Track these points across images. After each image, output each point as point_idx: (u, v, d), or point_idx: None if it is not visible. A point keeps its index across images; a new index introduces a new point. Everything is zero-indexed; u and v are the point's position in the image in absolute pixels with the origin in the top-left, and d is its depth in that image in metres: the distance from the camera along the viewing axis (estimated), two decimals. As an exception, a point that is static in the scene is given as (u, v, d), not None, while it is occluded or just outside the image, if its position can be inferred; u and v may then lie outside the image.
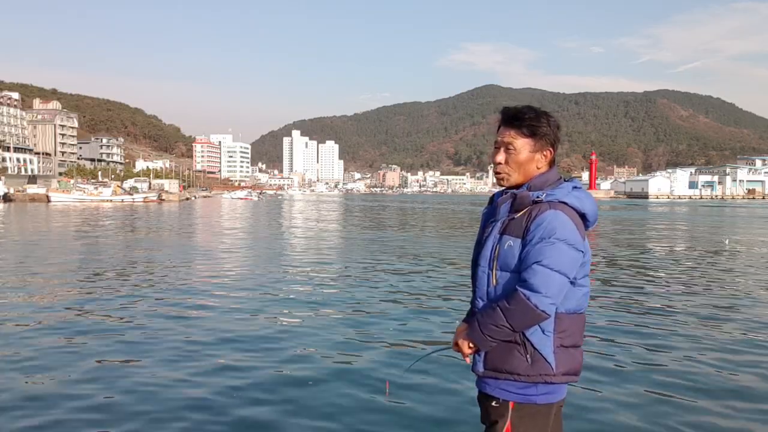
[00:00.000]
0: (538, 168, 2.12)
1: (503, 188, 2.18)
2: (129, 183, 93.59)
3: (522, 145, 2.10)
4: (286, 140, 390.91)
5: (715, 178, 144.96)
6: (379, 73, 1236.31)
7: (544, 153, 2.12)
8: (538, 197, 2.03)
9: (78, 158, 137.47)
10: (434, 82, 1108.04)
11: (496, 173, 2.18)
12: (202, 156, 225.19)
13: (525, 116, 2.09)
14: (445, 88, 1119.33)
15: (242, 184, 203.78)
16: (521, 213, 2.04)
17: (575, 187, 2.09)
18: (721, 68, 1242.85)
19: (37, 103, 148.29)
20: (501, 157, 2.14)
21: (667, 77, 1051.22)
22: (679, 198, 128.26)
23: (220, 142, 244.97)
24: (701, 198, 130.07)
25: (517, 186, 2.14)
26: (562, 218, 1.97)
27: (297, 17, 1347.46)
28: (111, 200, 68.84)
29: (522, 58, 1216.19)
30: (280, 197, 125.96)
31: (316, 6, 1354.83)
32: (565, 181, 2.13)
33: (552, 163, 2.16)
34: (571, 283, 2.01)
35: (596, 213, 2.11)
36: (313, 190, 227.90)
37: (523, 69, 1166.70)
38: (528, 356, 2.01)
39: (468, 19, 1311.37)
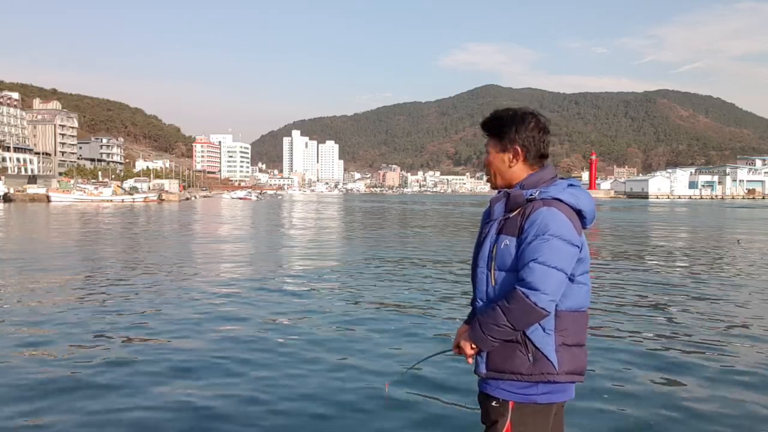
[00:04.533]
0: (510, 167, 2.16)
1: (497, 189, 2.22)
2: (129, 183, 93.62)
3: (492, 146, 2.19)
4: (286, 140, 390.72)
5: (715, 178, 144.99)
6: (380, 73, 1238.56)
7: (511, 152, 2.14)
8: (531, 195, 2.04)
9: (78, 158, 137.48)
10: (434, 82, 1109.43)
11: (486, 176, 2.28)
12: (202, 156, 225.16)
13: (490, 120, 2.19)
14: (446, 88, 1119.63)
15: (242, 184, 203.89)
16: (516, 212, 2.06)
17: (571, 185, 2.10)
18: (723, 68, 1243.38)
19: (37, 103, 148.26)
20: (485, 159, 2.26)
21: (669, 78, 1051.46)
22: (679, 198, 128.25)
23: (220, 142, 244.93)
24: (701, 198, 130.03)
25: (508, 186, 2.17)
26: (555, 214, 1.97)
27: (297, 17, 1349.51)
28: (111, 200, 68.85)
29: (525, 58, 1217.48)
30: (279, 197, 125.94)
31: (316, 6, 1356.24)
32: (561, 179, 2.14)
33: (541, 162, 2.17)
34: (570, 279, 2.01)
35: (593, 210, 2.11)
36: (313, 190, 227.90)
37: (526, 69, 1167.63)
38: (530, 355, 2.01)
39: (471, 19, 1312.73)
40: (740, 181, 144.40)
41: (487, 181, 2.26)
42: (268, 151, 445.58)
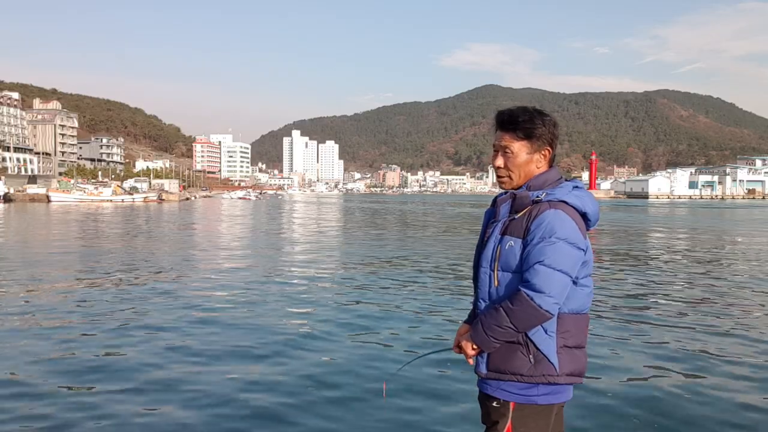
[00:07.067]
0: (538, 168, 2.13)
1: (507, 190, 2.18)
2: (129, 183, 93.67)
3: (519, 148, 2.11)
4: (286, 140, 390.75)
5: (715, 178, 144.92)
6: (380, 74, 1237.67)
7: (543, 153, 2.13)
8: (537, 197, 2.04)
9: (78, 158, 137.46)
10: (435, 82, 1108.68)
11: (498, 177, 2.20)
12: (202, 156, 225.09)
13: (519, 119, 2.10)
14: (446, 88, 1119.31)
15: (242, 184, 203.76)
16: (521, 213, 2.04)
17: (576, 187, 2.10)
18: (724, 69, 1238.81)
19: (37, 103, 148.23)
20: (500, 161, 2.16)
21: (671, 78, 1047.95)
22: (679, 198, 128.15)
23: (220, 142, 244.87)
24: (701, 198, 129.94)
25: (519, 187, 2.15)
26: (562, 217, 1.97)
27: (298, 17, 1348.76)
28: (111, 200, 68.89)
29: (528, 58, 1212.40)
30: (279, 197, 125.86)
31: (317, 6, 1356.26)
32: (566, 180, 2.13)
33: (552, 162, 2.17)
34: (574, 282, 2.01)
35: (598, 212, 2.11)
36: (313, 190, 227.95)
37: (529, 69, 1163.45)
38: (531, 357, 2.01)
39: (474, 19, 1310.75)
40: (740, 181, 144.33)
41: (501, 182, 2.19)
42: (268, 151, 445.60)
